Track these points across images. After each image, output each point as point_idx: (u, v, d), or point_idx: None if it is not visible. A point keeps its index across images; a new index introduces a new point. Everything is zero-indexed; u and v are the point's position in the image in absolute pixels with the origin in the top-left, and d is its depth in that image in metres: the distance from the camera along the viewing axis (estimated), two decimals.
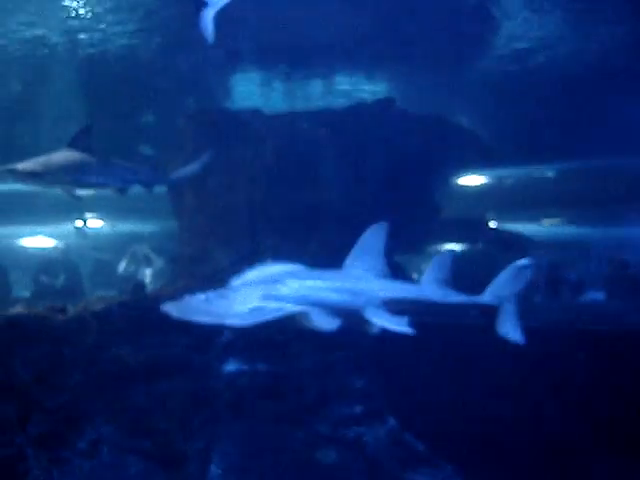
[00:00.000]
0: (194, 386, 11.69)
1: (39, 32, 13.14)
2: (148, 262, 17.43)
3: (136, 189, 12.37)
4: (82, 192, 12.01)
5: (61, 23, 12.80)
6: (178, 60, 14.58)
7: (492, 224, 22.35)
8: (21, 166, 10.79)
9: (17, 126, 17.62)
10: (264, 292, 7.41)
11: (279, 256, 9.64)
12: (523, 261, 9.42)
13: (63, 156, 11.22)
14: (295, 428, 12.11)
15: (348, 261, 8.53)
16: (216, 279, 13.30)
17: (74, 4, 12.12)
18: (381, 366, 12.48)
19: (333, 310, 7.62)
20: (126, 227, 24.66)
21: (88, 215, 25.13)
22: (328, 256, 13.57)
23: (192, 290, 12.22)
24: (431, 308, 8.80)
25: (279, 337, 12.13)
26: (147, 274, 17.64)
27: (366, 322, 7.72)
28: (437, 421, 11.64)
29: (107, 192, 12.69)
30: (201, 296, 7.53)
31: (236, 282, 7.90)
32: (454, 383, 11.70)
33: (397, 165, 14.06)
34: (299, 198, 13.78)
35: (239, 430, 11.89)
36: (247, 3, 12.41)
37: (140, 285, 14.18)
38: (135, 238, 20.31)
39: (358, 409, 12.46)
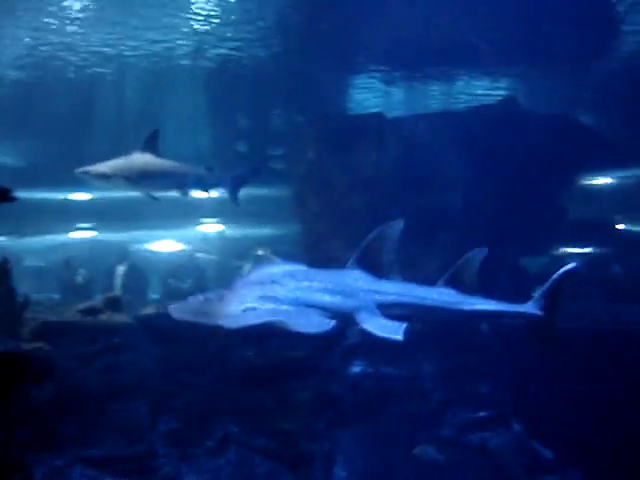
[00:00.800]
0: (319, 388, 11.76)
1: (166, 45, 13.47)
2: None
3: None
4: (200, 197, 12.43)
5: (187, 35, 13.09)
6: (299, 66, 14.70)
7: (619, 226, 21.65)
8: (92, 168, 11.29)
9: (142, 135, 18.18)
10: (261, 293, 7.28)
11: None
12: (570, 266, 8.69)
13: (132, 159, 11.73)
14: (419, 432, 12.05)
15: (353, 261, 8.27)
16: None
17: (200, 17, 12.38)
18: (508, 371, 12.27)
19: (327, 311, 7.43)
20: (247, 231, 25.03)
21: (211, 220, 25.75)
22: (451, 259, 13.64)
23: None
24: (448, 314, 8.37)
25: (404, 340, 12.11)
26: None
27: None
28: (566, 428, 11.33)
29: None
30: (200, 297, 7.46)
31: (237, 283, 7.81)
32: (586, 390, 11.33)
33: (521, 167, 13.76)
34: (422, 201, 13.67)
35: (363, 433, 11.91)
36: (366, 8, 12.46)
37: None
38: (257, 242, 20.54)
39: (483, 414, 12.30)
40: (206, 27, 12.77)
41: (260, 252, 18.39)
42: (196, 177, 12.69)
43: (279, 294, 7.29)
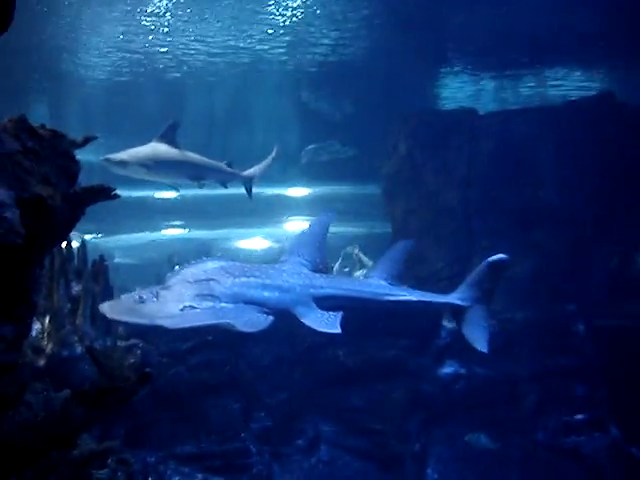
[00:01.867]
0: (410, 388, 11.67)
1: (256, 45, 13.61)
2: (361, 264, 17.56)
3: None
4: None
5: (277, 35, 13.20)
6: (389, 63, 14.66)
7: None
8: (112, 156, 11.55)
9: (233, 135, 18.40)
10: (197, 291, 7.14)
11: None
12: (498, 257, 8.64)
13: (150, 148, 12.00)
14: (512, 435, 11.84)
15: (286, 255, 8.20)
16: (431, 281, 13.38)
17: (289, 16, 12.46)
18: (605, 372, 11.94)
19: (266, 307, 7.30)
20: (336, 229, 25.10)
21: (299, 218, 25.93)
22: (546, 257, 13.41)
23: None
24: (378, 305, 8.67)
25: (498, 340, 11.91)
26: (359, 275, 17.85)
27: None
28: None
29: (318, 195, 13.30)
30: (135, 295, 7.33)
31: (171, 280, 7.67)
32: None
33: (617, 163, 13.40)
34: (515, 198, 13.44)
35: (455, 434, 11.76)
36: (455, 3, 12.34)
37: None
38: (347, 240, 20.56)
39: (579, 417, 11.99)
40: (296, 27, 12.85)
41: (351, 250, 18.43)
42: (213, 170, 13.22)
43: (216, 291, 7.25)
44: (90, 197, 4.84)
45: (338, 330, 7.30)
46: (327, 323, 7.52)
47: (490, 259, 8.69)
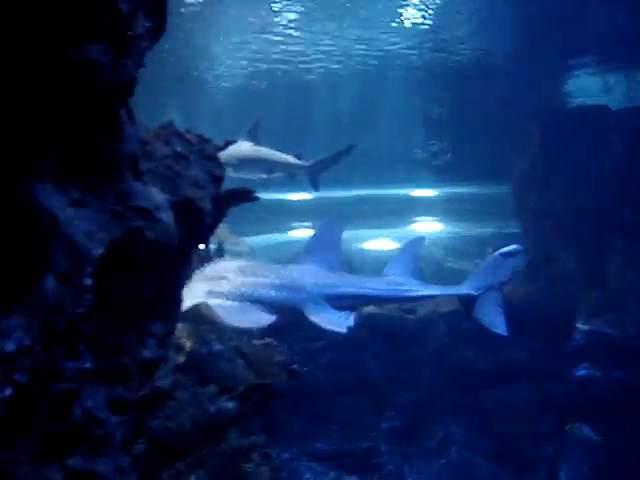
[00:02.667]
0: (543, 390, 11.47)
1: (379, 46, 13.64)
2: None
3: None
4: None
5: (399, 36, 13.19)
6: (517, 61, 14.43)
7: None
8: None
9: (360, 137, 18.51)
10: (209, 288, 7.09)
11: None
12: (508, 248, 8.33)
13: (232, 147, 12.23)
14: None
15: (302, 256, 8.14)
16: (561, 281, 13.10)
17: (415, 14, 12.44)
18: None
19: (274, 306, 7.19)
20: (466, 230, 24.95)
21: (427, 219, 25.86)
22: None
23: (539, 293, 12.14)
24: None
25: (633, 343, 11.56)
26: None
27: None
28: None
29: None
30: None
31: (194, 277, 7.66)
32: None
33: None
34: None
35: (589, 439, 11.47)
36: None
37: None
38: (478, 241, 20.41)
39: None
40: (420, 27, 12.82)
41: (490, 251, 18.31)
42: (281, 163, 13.54)
43: (225, 289, 7.29)
44: (233, 199, 5.01)
45: (344, 331, 7.35)
46: (336, 323, 7.58)
47: (502, 251, 8.67)
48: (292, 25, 12.78)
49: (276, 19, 12.42)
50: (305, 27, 12.82)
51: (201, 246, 8.19)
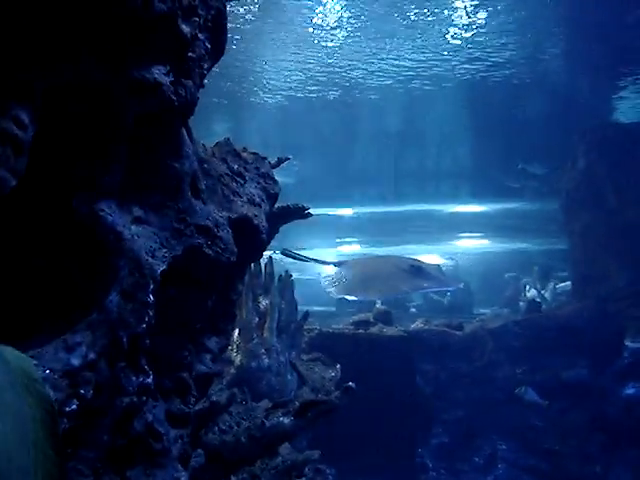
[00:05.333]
0: (591, 409, 11.34)
1: (422, 63, 13.67)
2: (542, 281, 17.34)
3: None
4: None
5: (443, 53, 13.20)
6: (566, 76, 14.33)
7: None
8: None
9: (405, 152, 18.53)
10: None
11: None
12: None
13: None
14: None
15: None
16: (612, 299, 12.94)
17: (457, 33, 12.46)
18: None
19: None
20: (515, 246, 24.90)
21: (473, 235, 25.83)
22: None
23: (588, 310, 12.03)
24: None
25: None
26: (536, 293, 17.53)
27: None
28: None
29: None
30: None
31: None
32: None
33: None
34: None
35: (637, 458, 11.31)
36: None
37: (535, 304, 14.03)
38: (527, 258, 20.44)
39: None
40: (465, 43, 12.82)
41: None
42: None
43: None
44: (287, 216, 5.08)
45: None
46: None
47: None
48: (337, 39, 12.85)
49: (322, 30, 12.48)
50: (350, 41, 12.88)
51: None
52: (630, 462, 11.36)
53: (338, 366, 8.76)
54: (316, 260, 9.89)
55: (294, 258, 9.51)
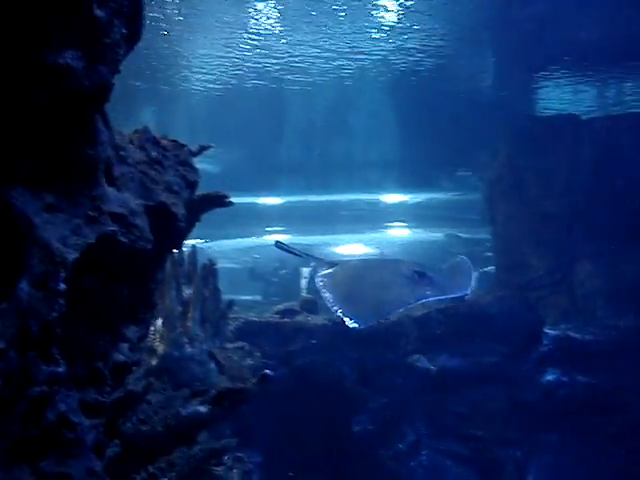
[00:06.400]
0: (511, 395, 11.58)
1: (352, 55, 13.71)
2: None
3: None
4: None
5: (370, 45, 13.25)
6: (487, 70, 14.54)
7: None
8: None
9: (333, 141, 18.56)
10: None
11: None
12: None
13: None
14: (615, 445, 11.58)
15: None
16: (531, 287, 13.25)
17: (383, 27, 12.52)
18: None
19: None
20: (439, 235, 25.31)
21: (399, 224, 26.07)
22: None
23: (508, 299, 12.28)
24: None
25: (601, 348, 11.73)
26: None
27: None
28: None
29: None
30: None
31: None
32: None
33: None
34: (620, 204, 13.13)
35: (557, 443, 11.60)
36: (556, 8, 12.14)
37: None
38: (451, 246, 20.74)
39: None
40: (390, 38, 12.91)
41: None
42: None
43: None
44: (207, 204, 5.05)
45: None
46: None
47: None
48: (267, 29, 12.79)
49: (252, 20, 12.39)
50: (280, 31, 12.83)
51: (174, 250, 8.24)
52: (549, 447, 11.66)
53: (258, 354, 8.76)
54: (310, 256, 9.61)
55: (288, 252, 9.36)
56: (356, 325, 7.29)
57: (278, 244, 9.21)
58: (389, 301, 7.70)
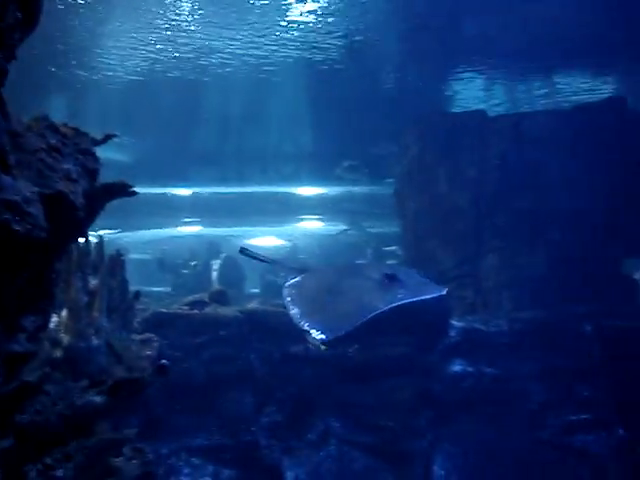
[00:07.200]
0: (419, 386, 11.77)
1: (262, 51, 13.72)
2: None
3: None
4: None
5: (283, 40, 13.29)
6: (401, 67, 14.72)
7: None
8: None
9: (246, 134, 18.55)
10: None
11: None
12: None
13: None
14: (519, 433, 11.91)
15: None
16: (440, 280, 13.49)
17: (295, 24, 12.57)
18: (611, 373, 12.02)
19: None
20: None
21: (312, 217, 26.20)
22: (554, 259, 13.51)
23: None
24: None
25: (506, 339, 12.05)
26: None
27: None
28: None
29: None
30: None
31: None
32: None
33: (629, 167, 13.41)
34: (526, 200, 13.52)
35: (463, 432, 11.85)
36: (466, 6, 12.39)
37: None
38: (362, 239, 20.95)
39: (584, 417, 12.06)
40: (304, 32, 12.98)
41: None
42: None
43: None
44: (109, 193, 5.00)
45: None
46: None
47: None
48: (182, 21, 12.69)
49: (167, 10, 12.27)
50: (193, 22, 12.74)
51: (81, 240, 8.11)
52: (456, 436, 11.91)
53: (156, 344, 8.67)
54: (277, 262, 9.33)
55: (253, 258, 9.13)
56: (324, 337, 6.95)
57: (243, 250, 9.02)
58: (357, 310, 7.40)
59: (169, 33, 12.92)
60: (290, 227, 26.81)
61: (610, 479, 11.56)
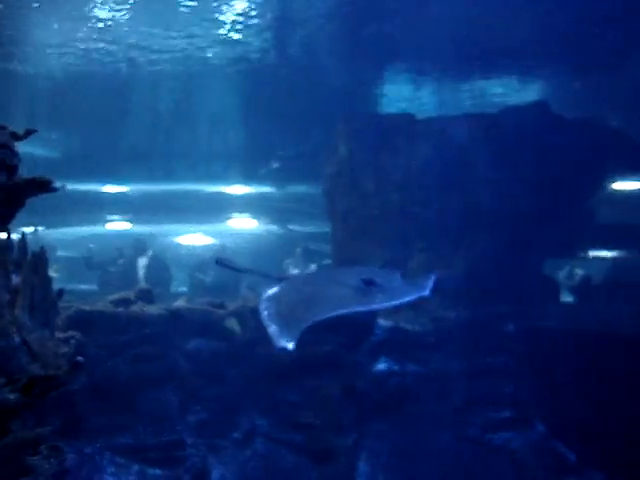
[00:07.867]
0: (345, 383, 11.88)
1: (193, 48, 13.67)
2: (304, 262, 17.94)
3: None
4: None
5: (214, 38, 13.26)
6: (331, 67, 14.80)
7: None
8: None
9: (175, 132, 18.47)
10: None
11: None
12: None
13: None
14: (442, 430, 12.13)
15: None
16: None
17: (228, 19, 12.56)
18: (531, 371, 12.33)
19: None
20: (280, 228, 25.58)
21: (243, 215, 26.16)
22: (478, 259, 13.78)
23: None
24: None
25: (430, 339, 12.27)
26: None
27: None
28: (589, 429, 11.35)
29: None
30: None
31: None
32: (610, 391, 11.28)
33: (550, 170, 13.75)
34: (451, 201, 13.75)
35: (388, 429, 12.00)
36: (399, 8, 12.52)
37: None
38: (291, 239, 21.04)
39: (506, 414, 12.36)
40: (231, 34, 12.99)
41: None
42: None
43: None
44: (30, 189, 4.96)
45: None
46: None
47: None
48: (110, 19, 12.56)
49: (95, 8, 12.14)
50: (122, 21, 12.63)
51: (3, 235, 7.98)
52: (380, 433, 12.05)
53: (73, 341, 8.60)
54: (254, 272, 9.06)
55: (231, 269, 8.90)
56: (288, 346, 6.44)
57: (220, 261, 8.83)
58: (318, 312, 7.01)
59: (100, 25, 12.76)
60: (220, 225, 26.73)
61: (529, 474, 11.85)
